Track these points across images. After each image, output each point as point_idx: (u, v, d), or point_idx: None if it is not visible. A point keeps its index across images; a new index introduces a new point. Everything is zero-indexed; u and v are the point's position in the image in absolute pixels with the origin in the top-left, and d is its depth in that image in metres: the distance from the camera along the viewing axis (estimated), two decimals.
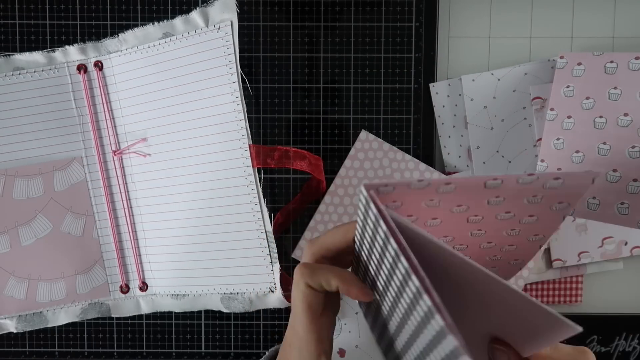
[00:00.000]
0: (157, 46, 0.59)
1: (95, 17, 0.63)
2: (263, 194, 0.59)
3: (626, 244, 0.64)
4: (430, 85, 0.64)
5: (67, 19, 0.63)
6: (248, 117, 0.59)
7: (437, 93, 0.64)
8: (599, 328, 0.66)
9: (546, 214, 0.38)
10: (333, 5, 0.64)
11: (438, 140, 0.66)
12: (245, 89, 0.61)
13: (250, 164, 0.58)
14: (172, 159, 0.60)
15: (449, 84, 0.64)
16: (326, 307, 0.42)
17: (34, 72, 0.61)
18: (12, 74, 0.60)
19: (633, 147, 0.58)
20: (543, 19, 0.65)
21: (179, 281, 0.62)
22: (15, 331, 0.62)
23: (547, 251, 0.65)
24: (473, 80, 0.64)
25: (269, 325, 0.66)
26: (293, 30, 0.64)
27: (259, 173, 0.59)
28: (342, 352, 0.67)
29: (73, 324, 0.66)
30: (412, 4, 0.64)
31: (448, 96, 0.64)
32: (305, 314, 0.40)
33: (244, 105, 0.57)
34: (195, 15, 0.58)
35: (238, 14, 0.57)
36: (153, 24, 0.60)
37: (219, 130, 0.58)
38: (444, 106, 0.65)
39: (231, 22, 0.57)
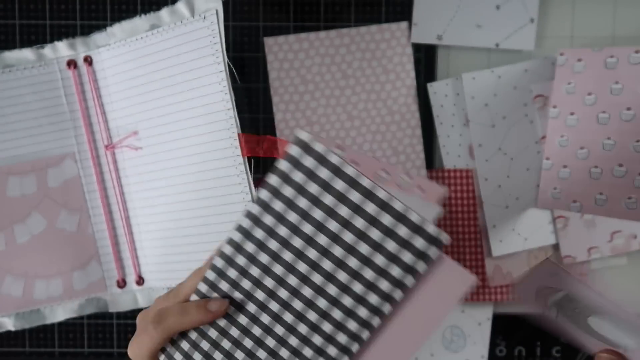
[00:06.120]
0: (144, 38, 0.59)
1: (95, 17, 0.64)
2: (254, 183, 0.59)
3: (636, 237, 0.63)
4: (428, 85, 0.64)
5: (67, 18, 0.64)
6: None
7: (435, 93, 0.64)
8: None
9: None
10: (333, 5, 0.64)
11: (437, 140, 0.65)
12: (233, 77, 0.61)
13: (240, 153, 0.58)
14: (163, 151, 0.60)
15: (447, 84, 0.64)
16: None
17: (24, 69, 0.61)
18: (2, 72, 0.61)
19: (638, 141, 0.57)
20: (543, 19, 0.64)
21: (175, 274, 0.62)
22: (13, 329, 0.62)
23: (557, 248, 0.64)
24: (473, 78, 0.63)
25: None
26: (293, 30, 0.64)
27: (249, 162, 0.59)
28: None
29: (73, 324, 0.66)
30: (412, 4, 0.64)
31: (446, 96, 0.64)
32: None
33: (232, 94, 0.57)
34: (180, 5, 0.58)
35: (223, 2, 0.57)
36: (140, 16, 0.60)
37: (208, 120, 0.58)
38: (442, 106, 0.64)
39: (216, 11, 0.57)
